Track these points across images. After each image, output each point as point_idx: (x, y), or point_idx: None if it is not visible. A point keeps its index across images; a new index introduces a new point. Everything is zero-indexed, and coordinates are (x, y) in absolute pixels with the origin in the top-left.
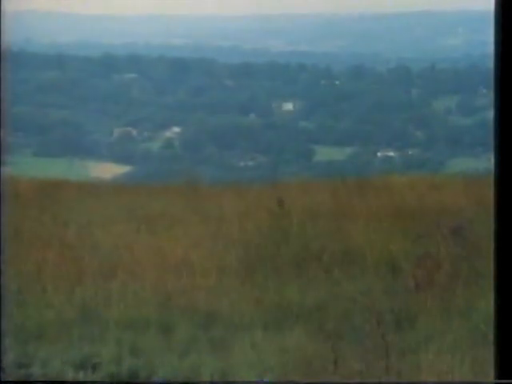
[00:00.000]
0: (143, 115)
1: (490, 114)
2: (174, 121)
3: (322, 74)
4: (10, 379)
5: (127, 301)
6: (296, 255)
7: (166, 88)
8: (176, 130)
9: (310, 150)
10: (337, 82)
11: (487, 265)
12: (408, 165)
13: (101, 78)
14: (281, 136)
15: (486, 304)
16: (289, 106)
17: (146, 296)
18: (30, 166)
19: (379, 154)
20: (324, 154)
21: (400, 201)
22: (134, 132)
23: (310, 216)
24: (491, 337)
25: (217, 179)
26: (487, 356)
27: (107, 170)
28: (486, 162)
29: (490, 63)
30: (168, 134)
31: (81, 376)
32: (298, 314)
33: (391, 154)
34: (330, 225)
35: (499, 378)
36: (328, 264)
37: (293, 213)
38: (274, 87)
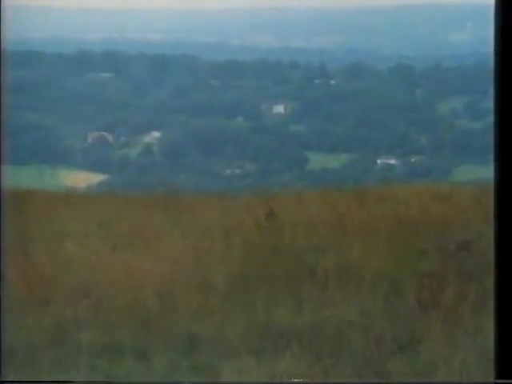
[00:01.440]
0: (120, 118)
1: None
2: (154, 124)
3: (317, 72)
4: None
5: (101, 323)
6: (288, 273)
7: (144, 88)
8: (156, 134)
9: (303, 156)
10: (332, 82)
11: None
12: (411, 173)
13: (74, 76)
14: (271, 141)
15: None
16: (280, 108)
17: (121, 318)
18: None
19: (379, 161)
20: (318, 161)
21: (402, 213)
22: (110, 137)
23: (302, 230)
24: None
25: (200, 189)
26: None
27: (81, 179)
28: None
29: None
30: (147, 138)
31: None
32: (289, 338)
33: (392, 161)
34: (324, 239)
35: (499, 378)
36: (323, 282)
37: (284, 226)
38: (264, 87)
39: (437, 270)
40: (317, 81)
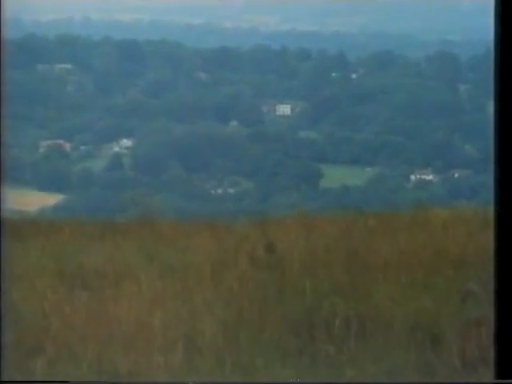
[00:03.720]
0: (81, 122)
1: None
2: (124, 130)
3: (333, 63)
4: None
5: None
6: (294, 321)
7: (112, 84)
8: (126, 142)
9: (316, 170)
10: (354, 76)
11: None
12: (453, 192)
13: (22, 69)
14: (274, 151)
15: None
16: (285, 109)
17: (84, 377)
18: None
19: (413, 176)
20: (335, 176)
21: (441, 243)
22: (68, 146)
23: (312, 266)
24: None
25: (184, 213)
26: None
27: (32, 200)
28: None
29: None
30: (115, 148)
31: None
32: None
33: (430, 176)
34: (341, 278)
35: (499, 378)
36: (339, 333)
37: (289, 261)
38: (265, 82)
39: (484, 317)
40: (333, 74)
